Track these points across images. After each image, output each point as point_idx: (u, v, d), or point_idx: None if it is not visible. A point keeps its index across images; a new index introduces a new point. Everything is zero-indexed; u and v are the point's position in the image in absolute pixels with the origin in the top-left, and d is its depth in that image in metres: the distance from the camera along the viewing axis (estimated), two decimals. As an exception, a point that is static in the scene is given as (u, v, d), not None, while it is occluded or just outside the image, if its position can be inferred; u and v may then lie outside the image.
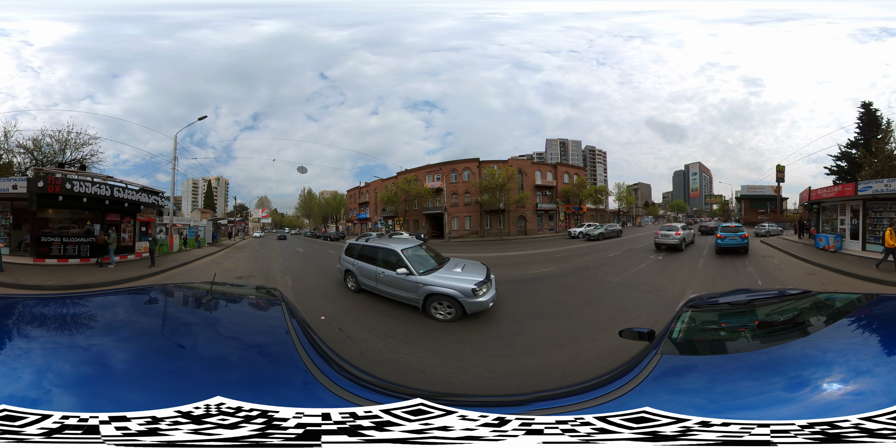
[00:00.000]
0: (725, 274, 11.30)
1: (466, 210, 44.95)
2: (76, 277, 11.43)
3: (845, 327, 1.85)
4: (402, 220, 49.75)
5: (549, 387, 4.01)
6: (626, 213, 76.15)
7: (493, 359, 4.78)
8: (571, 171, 55.16)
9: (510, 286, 9.19)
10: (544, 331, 5.93)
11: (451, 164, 47.35)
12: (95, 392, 1.13)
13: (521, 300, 8.03)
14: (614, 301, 7.98)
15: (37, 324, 1.75)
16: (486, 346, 5.26)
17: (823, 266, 12.28)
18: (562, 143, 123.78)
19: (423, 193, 46.98)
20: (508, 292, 8.44)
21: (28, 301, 2.17)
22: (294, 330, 1.75)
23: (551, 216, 49.07)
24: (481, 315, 6.59)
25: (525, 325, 6.18)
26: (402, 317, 6.75)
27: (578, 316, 6.83)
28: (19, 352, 1.37)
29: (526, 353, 4.99)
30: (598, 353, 4.83)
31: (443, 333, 5.89)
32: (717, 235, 16.95)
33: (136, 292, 2.83)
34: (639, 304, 7.65)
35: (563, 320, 6.56)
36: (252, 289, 3.47)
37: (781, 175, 55.98)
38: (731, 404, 1.14)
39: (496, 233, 43.37)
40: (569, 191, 50.38)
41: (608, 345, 4.94)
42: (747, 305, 2.39)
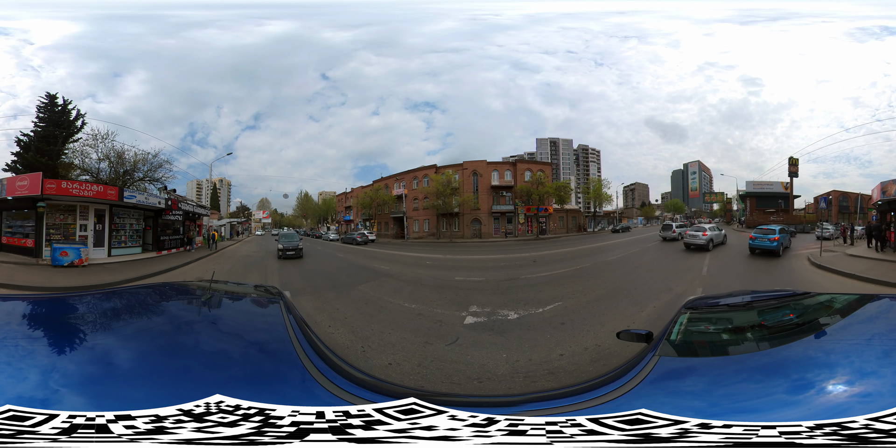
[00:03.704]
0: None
1: (425, 214, 49.22)
2: (183, 259, 19.01)
3: (848, 328, 1.85)
4: (375, 222, 56.91)
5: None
6: (610, 214, 70.67)
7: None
8: (535, 167, 51.55)
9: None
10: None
11: (413, 172, 52.54)
12: (100, 391, 1.15)
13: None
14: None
15: (41, 324, 1.78)
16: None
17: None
18: (552, 143, 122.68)
19: (387, 200, 53.28)
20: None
21: (31, 302, 2.23)
22: (292, 327, 1.77)
23: (510, 219, 47.45)
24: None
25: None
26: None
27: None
28: (24, 352, 1.37)
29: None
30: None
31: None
32: (750, 236, 17.68)
33: (138, 291, 2.83)
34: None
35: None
36: (251, 287, 3.49)
37: (795, 169, 49.91)
38: (733, 407, 1.13)
39: (450, 235, 45.58)
40: (526, 189, 46.68)
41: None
42: (747, 307, 2.37)
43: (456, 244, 35.61)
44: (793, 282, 10.72)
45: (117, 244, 19.06)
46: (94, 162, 23.65)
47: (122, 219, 19.55)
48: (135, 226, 20.68)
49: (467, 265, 16.85)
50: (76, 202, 17.20)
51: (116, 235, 19.15)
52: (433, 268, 15.75)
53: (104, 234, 18.25)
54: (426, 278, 12.42)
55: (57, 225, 16.80)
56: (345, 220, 72.03)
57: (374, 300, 8.71)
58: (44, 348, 1.45)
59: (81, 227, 17.27)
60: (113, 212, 18.72)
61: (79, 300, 2.28)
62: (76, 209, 17.19)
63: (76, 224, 17.14)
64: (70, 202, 17.07)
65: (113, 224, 18.83)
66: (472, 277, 12.52)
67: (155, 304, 2.36)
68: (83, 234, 17.15)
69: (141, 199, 20.34)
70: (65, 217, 17.06)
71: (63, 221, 16.97)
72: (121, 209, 19.17)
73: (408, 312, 7.48)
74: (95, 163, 23.66)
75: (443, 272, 14.27)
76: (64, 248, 14.68)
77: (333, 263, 18.32)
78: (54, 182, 16.57)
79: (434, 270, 14.85)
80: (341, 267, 16.70)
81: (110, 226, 18.61)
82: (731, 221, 53.14)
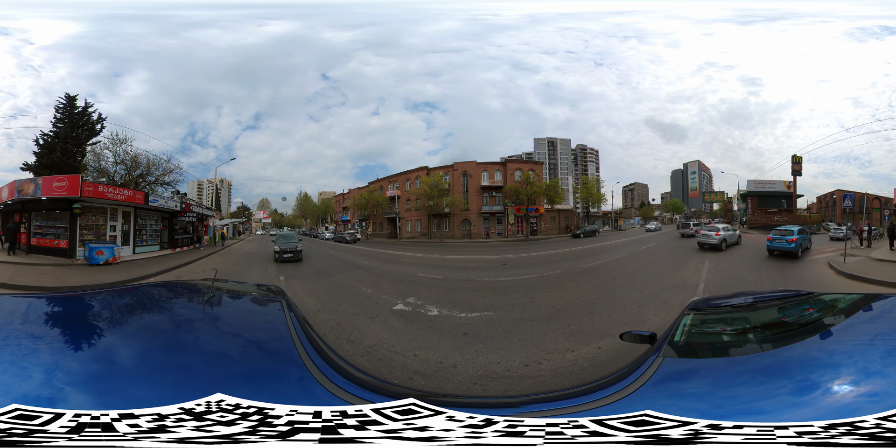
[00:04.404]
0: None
1: (417, 214, 51.29)
2: (196, 255, 22.19)
3: (852, 328, 1.86)
4: (371, 222, 60.22)
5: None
6: (607, 214, 68.63)
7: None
8: (525, 167, 51.40)
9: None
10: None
11: (406, 174, 55.23)
12: (104, 389, 1.17)
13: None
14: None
15: (44, 323, 1.81)
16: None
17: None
18: (550, 143, 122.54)
19: (381, 201, 56.15)
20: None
21: (35, 300, 2.27)
22: (293, 327, 1.79)
23: (500, 219, 47.83)
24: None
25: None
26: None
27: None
28: (28, 351, 1.38)
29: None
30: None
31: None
32: (768, 237, 17.47)
33: (141, 290, 2.89)
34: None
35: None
36: (253, 286, 3.49)
37: (798, 167, 48.45)
38: (737, 408, 1.13)
39: (441, 236, 46.97)
40: (514, 189, 46.57)
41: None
42: (750, 308, 2.38)
43: (444, 244, 37.33)
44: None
45: (140, 243, 22.04)
46: (111, 164, 25.87)
47: (144, 220, 22.59)
48: (154, 226, 23.73)
49: (438, 264, 18.06)
50: (107, 205, 19.46)
51: (139, 235, 22.13)
52: (406, 265, 17.63)
53: (129, 234, 21.14)
54: (393, 273, 14.71)
55: (89, 226, 18.76)
56: (342, 221, 75.32)
57: (343, 284, 11.85)
58: (48, 347, 1.46)
59: (111, 227, 19.94)
60: (136, 214, 21.70)
61: (83, 299, 2.33)
62: (106, 211, 19.76)
63: (106, 225, 19.73)
64: (101, 205, 19.19)
65: (136, 225, 21.79)
66: (433, 275, 13.70)
67: (158, 303, 2.40)
68: (112, 235, 19.81)
69: (162, 202, 23.52)
70: (96, 218, 19.37)
71: (94, 223, 19.28)
72: (143, 211, 22.17)
73: (361, 294, 10.17)
74: (112, 165, 25.90)
75: (411, 269, 15.92)
76: (99, 248, 16.65)
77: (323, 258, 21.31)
78: (92, 185, 18.52)
79: (405, 267, 16.72)
80: (329, 261, 19.74)
81: (134, 226, 21.56)
82: (731, 222, 51.57)
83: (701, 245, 20.54)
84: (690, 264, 15.10)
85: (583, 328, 6.71)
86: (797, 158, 47.95)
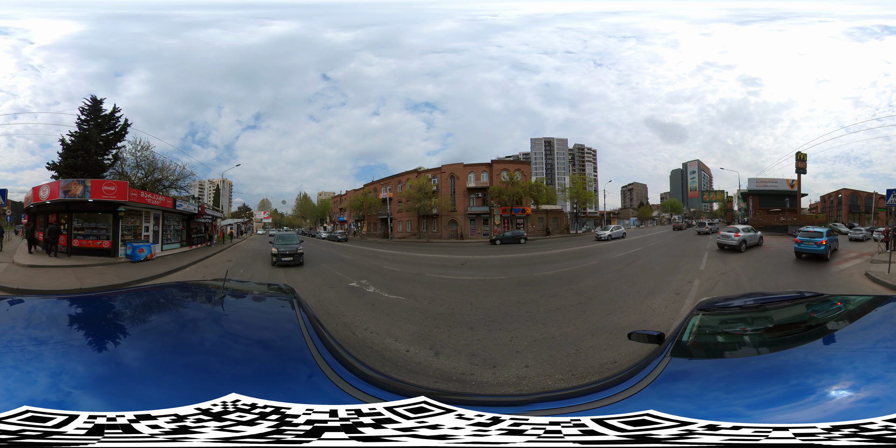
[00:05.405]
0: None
1: (407, 215, 55.26)
2: (212, 250, 26.30)
3: (861, 330, 1.87)
4: (366, 223, 65.15)
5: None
6: (600, 215, 68.59)
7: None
8: (511, 167, 52.38)
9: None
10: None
11: (398, 177, 59.52)
12: (116, 391, 1.18)
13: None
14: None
15: (55, 324, 1.81)
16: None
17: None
18: (547, 143, 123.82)
19: (374, 203, 60.60)
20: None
21: (46, 302, 2.27)
22: (304, 326, 1.80)
23: (485, 220, 49.45)
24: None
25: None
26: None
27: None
28: (39, 353, 1.39)
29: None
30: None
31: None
32: (795, 239, 17.17)
33: (153, 291, 2.90)
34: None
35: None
36: (264, 285, 3.53)
37: (803, 165, 46.66)
38: (745, 409, 1.14)
39: (429, 236, 49.90)
40: (498, 190, 47.68)
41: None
42: (759, 309, 2.37)
43: (429, 244, 39.55)
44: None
45: (166, 241, 26.69)
46: (131, 168, 28.22)
47: (169, 221, 27.29)
48: (175, 227, 28.48)
49: (406, 260, 20.46)
50: (142, 208, 22.34)
51: (165, 234, 26.80)
52: (380, 259, 20.72)
53: (158, 234, 25.72)
54: (366, 264, 18.52)
55: (128, 227, 21.51)
56: (339, 221, 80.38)
57: (324, 270, 16.65)
58: (56, 350, 1.46)
59: (145, 228, 24.25)
60: (164, 216, 26.40)
61: (93, 301, 2.35)
62: (142, 214, 23.78)
63: (142, 226, 23.92)
64: (138, 208, 21.93)
65: (164, 226, 26.49)
66: (394, 268, 16.61)
67: (170, 304, 2.44)
68: (146, 234, 24.07)
69: (186, 206, 28.40)
70: (133, 220, 22.21)
71: (132, 224, 22.24)
72: (168, 214, 26.89)
73: (332, 276, 14.26)
74: (132, 169, 28.24)
75: (381, 262, 18.99)
76: (140, 246, 19.54)
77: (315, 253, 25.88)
78: (135, 191, 21.23)
79: (378, 261, 19.94)
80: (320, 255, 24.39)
81: (162, 227, 26.25)
82: (731, 222, 50.07)
83: (721, 246, 20.34)
84: (694, 271, 13.42)
85: (444, 337, 6.50)
86: (801, 155, 44.87)
